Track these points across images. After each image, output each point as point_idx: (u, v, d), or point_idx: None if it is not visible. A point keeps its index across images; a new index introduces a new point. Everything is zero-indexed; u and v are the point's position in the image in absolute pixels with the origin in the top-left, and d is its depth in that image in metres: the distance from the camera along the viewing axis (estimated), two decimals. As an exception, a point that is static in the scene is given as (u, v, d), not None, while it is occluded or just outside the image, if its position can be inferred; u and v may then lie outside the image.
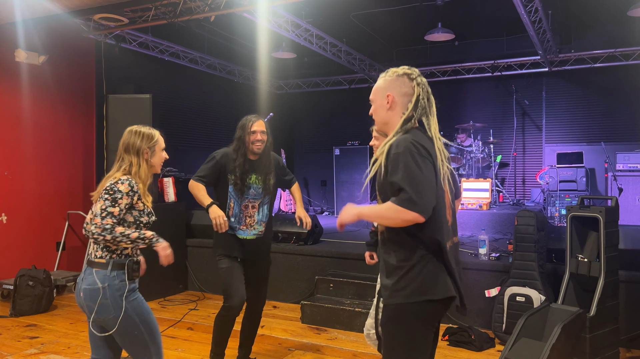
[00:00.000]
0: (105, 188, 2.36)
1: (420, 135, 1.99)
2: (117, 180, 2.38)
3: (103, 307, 2.33)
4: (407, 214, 1.81)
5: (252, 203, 3.35)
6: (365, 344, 4.16)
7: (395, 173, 1.86)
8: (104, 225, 2.29)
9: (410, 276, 1.91)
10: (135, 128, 2.55)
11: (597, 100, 8.10)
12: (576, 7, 7.06)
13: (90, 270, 2.38)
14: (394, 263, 1.95)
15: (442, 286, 1.92)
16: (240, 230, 3.35)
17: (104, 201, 2.33)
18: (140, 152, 2.48)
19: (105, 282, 2.34)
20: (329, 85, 9.76)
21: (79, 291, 2.40)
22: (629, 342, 3.97)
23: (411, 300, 1.90)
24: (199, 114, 8.05)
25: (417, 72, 2.06)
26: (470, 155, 7.79)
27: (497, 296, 4.23)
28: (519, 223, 4.21)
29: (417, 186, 1.81)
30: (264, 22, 6.15)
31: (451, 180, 2.04)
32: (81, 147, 6.40)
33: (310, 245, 5.64)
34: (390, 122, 2.06)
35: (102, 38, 6.33)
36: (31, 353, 3.96)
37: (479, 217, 6.68)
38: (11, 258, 5.64)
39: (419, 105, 2.01)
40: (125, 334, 2.39)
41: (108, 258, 2.37)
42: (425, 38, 7.40)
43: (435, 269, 1.92)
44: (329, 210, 9.59)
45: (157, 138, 2.56)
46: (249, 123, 3.30)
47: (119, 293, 2.35)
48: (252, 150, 3.30)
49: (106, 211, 2.31)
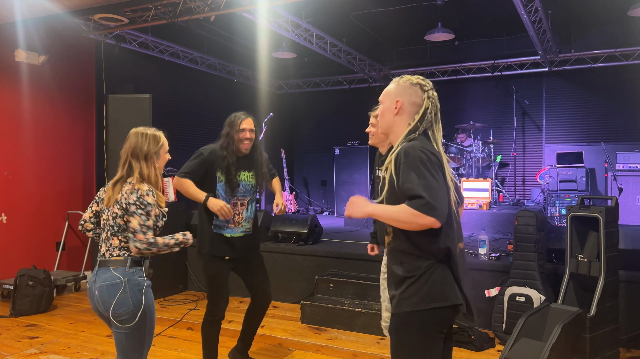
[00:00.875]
0: (135, 202, 2.36)
1: (427, 142, 2.00)
2: (143, 192, 2.38)
3: (122, 300, 2.33)
4: (424, 219, 1.80)
5: (241, 201, 3.30)
6: (365, 344, 4.16)
7: (409, 180, 1.85)
8: (148, 239, 2.33)
9: (418, 285, 1.91)
10: (141, 130, 2.53)
11: (597, 100, 8.10)
12: (576, 7, 7.06)
13: (106, 269, 2.38)
14: (401, 274, 1.96)
15: (450, 294, 1.93)
16: (229, 228, 3.27)
17: (139, 217, 2.34)
18: (148, 156, 2.47)
19: (125, 277, 2.36)
20: (329, 85, 9.76)
21: (94, 291, 2.38)
22: (629, 342, 3.97)
23: (419, 308, 1.90)
24: (199, 114, 8.05)
25: (430, 84, 2.08)
26: (470, 155, 7.79)
27: (497, 296, 4.23)
28: (519, 223, 4.20)
29: (433, 192, 1.82)
30: (264, 22, 6.15)
31: (454, 187, 2.05)
32: (81, 147, 6.40)
33: (310, 245, 5.64)
34: (394, 127, 2.07)
35: (102, 38, 6.33)
36: (31, 353, 3.95)
37: (479, 217, 6.68)
38: (11, 258, 5.64)
39: (425, 119, 2.03)
40: (134, 329, 2.37)
41: (126, 256, 2.39)
42: (425, 38, 7.40)
43: (442, 276, 1.92)
44: (328, 210, 9.59)
45: (162, 141, 2.56)
46: (237, 120, 3.24)
47: (137, 287, 2.37)
48: (240, 149, 3.25)
49: (145, 225, 2.34)
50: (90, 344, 4.15)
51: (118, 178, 2.46)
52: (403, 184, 1.87)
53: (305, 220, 5.76)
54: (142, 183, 2.42)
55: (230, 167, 3.21)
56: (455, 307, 1.95)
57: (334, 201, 9.24)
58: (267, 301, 3.49)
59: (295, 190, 9.69)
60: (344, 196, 8.98)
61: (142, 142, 2.48)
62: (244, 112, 3.33)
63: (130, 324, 2.35)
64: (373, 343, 4.22)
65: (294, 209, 8.75)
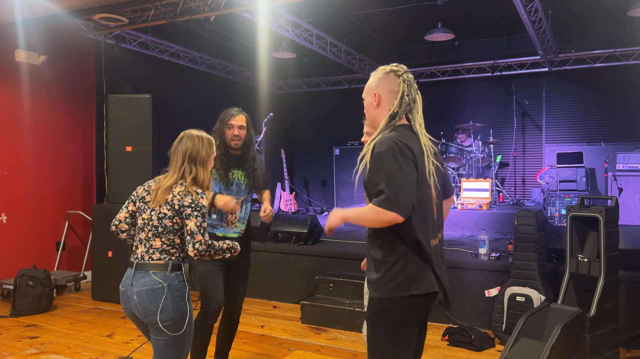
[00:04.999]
0: (190, 204, 2.33)
1: (406, 132, 2.00)
2: (197, 195, 2.36)
3: (164, 307, 2.28)
4: (386, 215, 1.83)
5: (235, 200, 3.24)
6: (365, 344, 4.16)
7: (377, 172, 1.88)
8: (207, 241, 2.31)
9: (394, 271, 1.93)
10: (195, 133, 2.48)
11: (597, 100, 8.10)
12: (576, 7, 7.06)
13: (145, 273, 2.32)
14: (378, 257, 1.98)
15: (426, 282, 1.95)
16: (222, 228, 3.19)
17: (196, 219, 2.31)
18: (205, 161, 2.46)
19: (166, 282, 2.31)
20: (329, 85, 9.76)
21: (131, 295, 2.32)
22: (629, 342, 3.97)
23: (395, 295, 1.93)
24: (199, 114, 8.04)
25: (404, 68, 2.08)
26: (470, 155, 7.80)
27: (497, 296, 4.23)
28: (519, 223, 4.20)
29: (396, 186, 1.84)
30: (264, 22, 6.15)
31: (437, 176, 2.04)
32: (81, 147, 6.40)
33: (310, 245, 5.64)
34: (377, 119, 2.08)
35: (102, 38, 6.33)
36: (31, 353, 3.95)
37: (479, 217, 6.68)
38: (11, 258, 5.64)
39: (403, 102, 2.02)
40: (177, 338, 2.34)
41: (167, 260, 2.34)
42: (425, 38, 7.40)
43: (418, 265, 1.94)
44: (328, 210, 9.58)
45: (214, 146, 2.54)
46: (228, 116, 3.20)
47: (178, 293, 2.33)
48: (230, 146, 3.20)
49: (202, 227, 2.32)
50: (90, 344, 4.15)
51: (173, 182, 2.40)
52: (372, 176, 1.91)
53: (305, 220, 5.76)
54: (193, 186, 2.39)
55: (220, 162, 3.12)
56: (431, 295, 1.97)
57: (334, 202, 9.24)
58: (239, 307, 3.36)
59: (295, 190, 9.69)
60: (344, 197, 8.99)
61: (199, 146, 2.45)
62: (238, 109, 3.28)
63: (176, 333, 2.31)
64: (373, 343, 4.21)
65: (294, 209, 8.74)
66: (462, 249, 5.25)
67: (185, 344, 2.39)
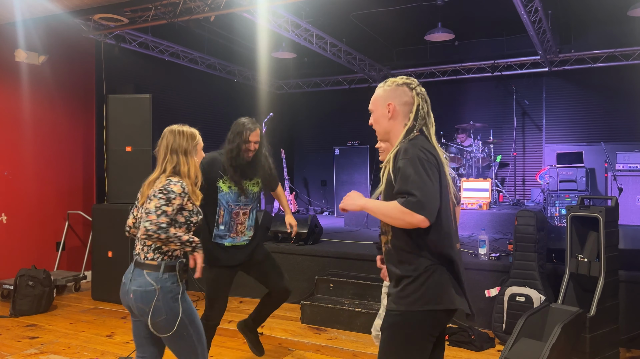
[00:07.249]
0: (160, 189, 2.33)
1: (426, 142, 2.00)
2: (170, 181, 2.36)
3: (156, 309, 2.31)
4: (413, 217, 1.81)
5: (244, 209, 3.27)
6: (365, 344, 4.16)
7: (405, 179, 1.86)
8: (160, 223, 2.25)
9: (415, 285, 1.92)
10: (176, 128, 2.51)
11: (597, 100, 8.10)
12: (576, 7, 7.06)
13: (141, 272, 2.35)
14: (399, 273, 1.97)
15: (447, 297, 1.93)
16: (230, 238, 3.25)
17: (158, 200, 2.30)
18: (187, 152, 2.46)
19: (159, 284, 2.33)
20: (329, 85, 9.76)
21: (128, 292, 2.36)
22: (629, 342, 3.97)
23: (414, 308, 1.91)
24: (199, 114, 8.04)
25: (416, 82, 2.09)
26: (470, 155, 7.79)
27: (497, 296, 4.23)
28: (519, 223, 4.21)
29: (425, 190, 1.82)
30: (264, 22, 6.15)
31: (453, 187, 2.06)
32: (81, 147, 6.40)
33: (310, 245, 5.64)
34: (392, 131, 2.07)
35: (102, 38, 6.33)
36: (31, 353, 3.95)
37: (479, 217, 6.68)
38: (11, 258, 5.64)
39: (419, 115, 2.03)
40: (176, 336, 2.36)
41: (160, 260, 2.36)
42: (425, 38, 7.40)
43: (440, 279, 1.93)
44: (329, 210, 9.59)
45: (198, 137, 2.55)
46: (246, 131, 3.17)
47: (170, 294, 2.34)
48: (244, 157, 3.21)
49: (161, 209, 2.28)
50: (90, 344, 4.15)
51: (156, 176, 2.43)
52: (399, 183, 1.88)
53: (305, 220, 5.75)
54: (174, 176, 2.40)
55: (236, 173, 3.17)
56: (449, 312, 1.96)
57: (334, 201, 9.24)
58: (286, 296, 3.50)
59: (295, 190, 9.69)
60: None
61: (180, 139, 2.47)
62: (252, 121, 3.25)
63: (168, 333, 2.34)
64: (373, 343, 4.21)
65: (293, 209, 8.74)
66: (462, 249, 5.25)
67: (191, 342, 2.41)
